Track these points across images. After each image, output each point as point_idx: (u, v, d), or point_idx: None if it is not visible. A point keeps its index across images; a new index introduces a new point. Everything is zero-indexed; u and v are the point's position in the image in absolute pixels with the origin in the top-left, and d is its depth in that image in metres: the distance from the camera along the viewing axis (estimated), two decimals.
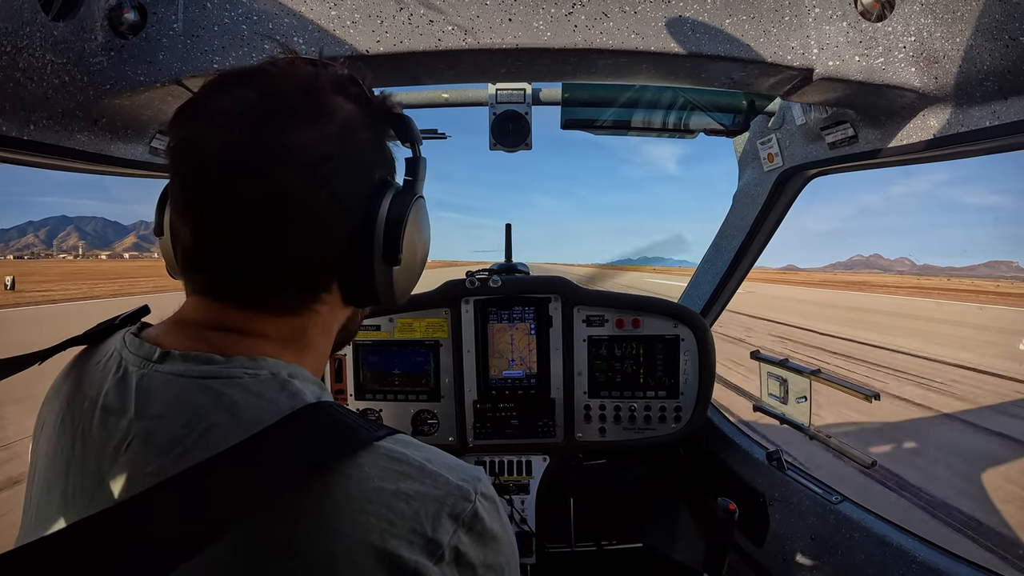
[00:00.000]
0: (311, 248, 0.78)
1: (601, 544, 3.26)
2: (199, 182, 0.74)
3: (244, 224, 0.73)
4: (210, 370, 0.73)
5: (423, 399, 2.80)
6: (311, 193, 0.75)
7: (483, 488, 0.74)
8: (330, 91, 0.80)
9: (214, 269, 0.78)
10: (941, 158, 1.77)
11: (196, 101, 0.76)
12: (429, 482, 0.70)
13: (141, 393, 0.73)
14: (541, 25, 1.49)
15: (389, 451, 0.71)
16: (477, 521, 0.71)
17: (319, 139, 0.75)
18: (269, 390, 0.72)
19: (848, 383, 2.13)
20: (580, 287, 2.77)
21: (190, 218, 0.76)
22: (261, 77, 0.77)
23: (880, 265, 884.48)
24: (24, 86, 1.28)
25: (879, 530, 1.88)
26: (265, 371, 0.74)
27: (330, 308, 0.87)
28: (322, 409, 0.71)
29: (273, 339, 0.80)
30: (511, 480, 2.80)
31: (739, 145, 2.80)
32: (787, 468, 2.39)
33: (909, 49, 1.54)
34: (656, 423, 2.76)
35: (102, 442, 0.72)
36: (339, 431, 0.70)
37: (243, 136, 0.72)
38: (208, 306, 0.79)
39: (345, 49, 1.49)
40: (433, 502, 0.68)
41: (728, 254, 2.89)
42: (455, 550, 0.67)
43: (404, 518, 0.66)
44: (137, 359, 0.76)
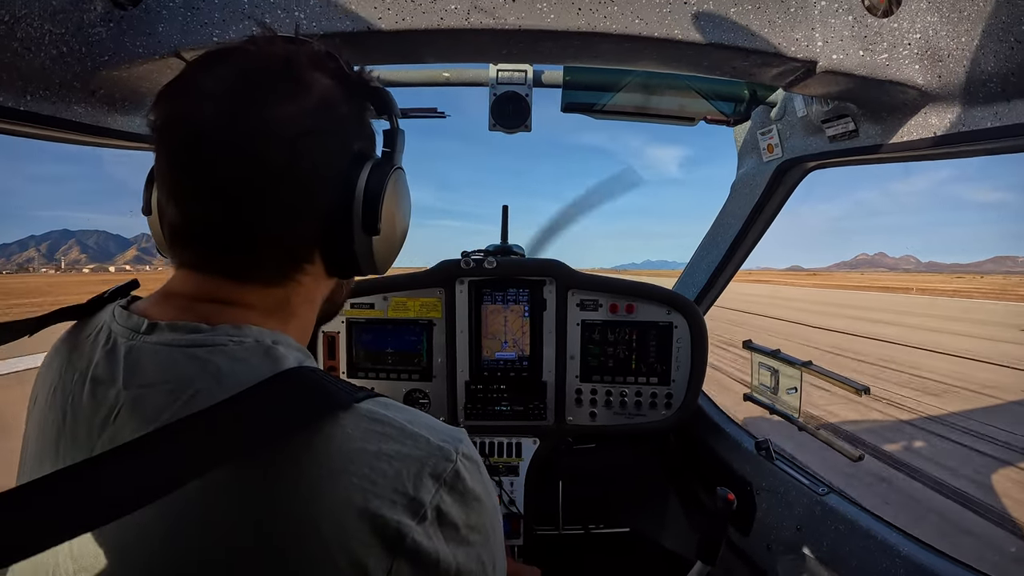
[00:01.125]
0: (292, 220, 0.80)
1: (588, 528, 3.29)
2: (183, 159, 0.76)
3: (228, 199, 0.75)
4: (196, 338, 0.74)
5: (415, 378, 2.81)
6: (291, 166, 0.77)
7: (464, 449, 0.76)
8: (308, 67, 0.81)
9: (200, 243, 0.79)
10: (941, 156, 1.76)
11: (179, 80, 0.78)
12: (410, 443, 0.71)
13: (129, 363, 0.74)
14: (545, 7, 1.48)
15: (370, 412, 0.72)
16: (459, 481, 0.72)
17: (298, 113, 0.77)
18: (253, 356, 0.74)
19: (838, 376, 2.14)
20: (575, 271, 2.76)
21: (176, 195, 0.78)
22: (240, 55, 0.79)
23: (885, 263, 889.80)
24: (21, 56, 1.26)
25: (864, 523, 1.90)
26: (250, 339, 0.76)
27: (313, 279, 0.89)
28: (304, 373, 0.72)
29: (258, 309, 0.82)
30: (501, 462, 2.82)
31: (739, 135, 2.79)
32: (775, 458, 2.41)
33: (914, 46, 1.53)
34: (647, 409, 2.77)
35: (92, 412, 0.74)
36: (320, 393, 0.70)
37: (224, 113, 0.74)
38: (195, 279, 0.81)
39: (347, 25, 1.47)
40: (415, 462, 0.70)
41: (724, 243, 2.89)
42: (437, 509, 0.69)
43: (386, 478, 0.67)
44: (125, 331, 0.78)
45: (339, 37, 1.48)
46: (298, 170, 0.78)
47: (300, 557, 0.63)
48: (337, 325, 2.80)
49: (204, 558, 0.63)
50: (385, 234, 0.92)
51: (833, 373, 2.18)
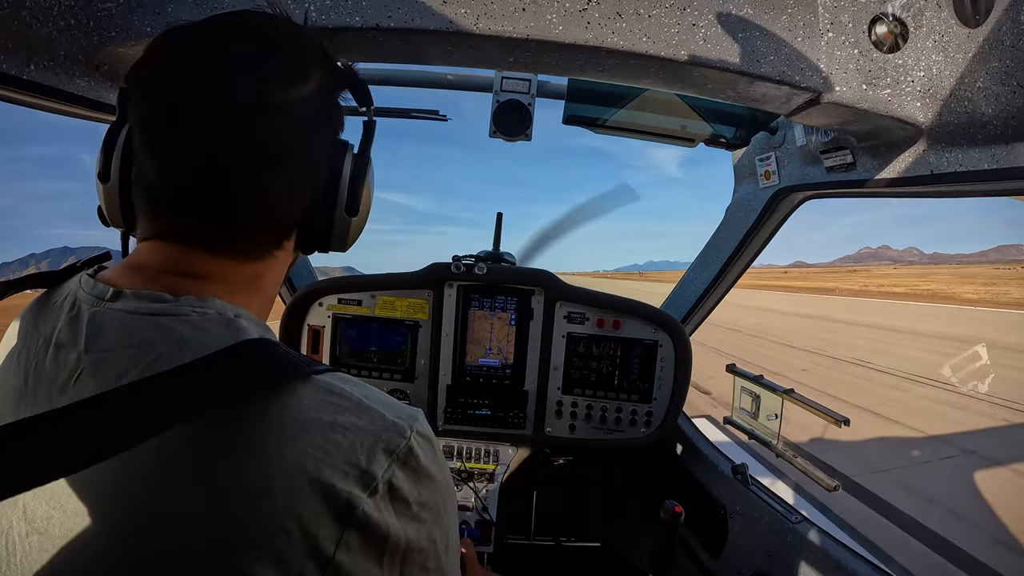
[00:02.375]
0: (290, 197, 0.85)
1: (560, 540, 3.28)
2: (183, 125, 0.76)
3: (226, 173, 0.77)
4: (160, 308, 0.75)
5: (397, 378, 2.80)
6: (295, 147, 0.81)
7: (419, 427, 0.77)
8: (311, 52, 0.85)
9: (183, 213, 0.80)
10: (937, 195, 1.78)
11: (180, 43, 0.79)
12: (366, 417, 0.73)
13: (92, 329, 0.75)
14: (554, 18, 1.48)
15: (327, 385, 0.74)
16: (412, 458, 0.73)
17: (305, 96, 0.81)
18: (216, 327, 0.75)
19: (819, 406, 2.15)
20: (564, 283, 2.76)
21: (166, 161, 0.78)
22: (246, 30, 0.82)
23: (889, 256, 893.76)
24: (29, 25, 1.25)
25: (835, 554, 1.90)
26: (212, 311, 0.77)
27: (286, 253, 0.93)
28: (265, 344, 0.73)
29: (227, 283, 0.83)
30: (477, 468, 2.82)
31: (737, 158, 2.81)
32: (751, 483, 2.41)
33: (917, 84, 1.55)
34: (626, 425, 2.77)
35: (53, 375, 0.74)
36: (279, 363, 0.71)
37: (236, 87, 0.76)
38: (166, 249, 0.81)
39: (356, 20, 1.46)
40: (368, 436, 0.71)
41: (715, 265, 2.90)
42: (389, 484, 0.70)
43: (339, 449, 0.68)
44: (90, 298, 0.78)
45: (348, 31, 1.48)
46: (301, 151, 0.82)
47: (251, 522, 0.63)
48: (323, 319, 2.79)
49: (157, 522, 0.63)
50: (360, 215, 0.98)
51: (814, 403, 2.18)
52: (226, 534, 0.63)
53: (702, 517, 2.55)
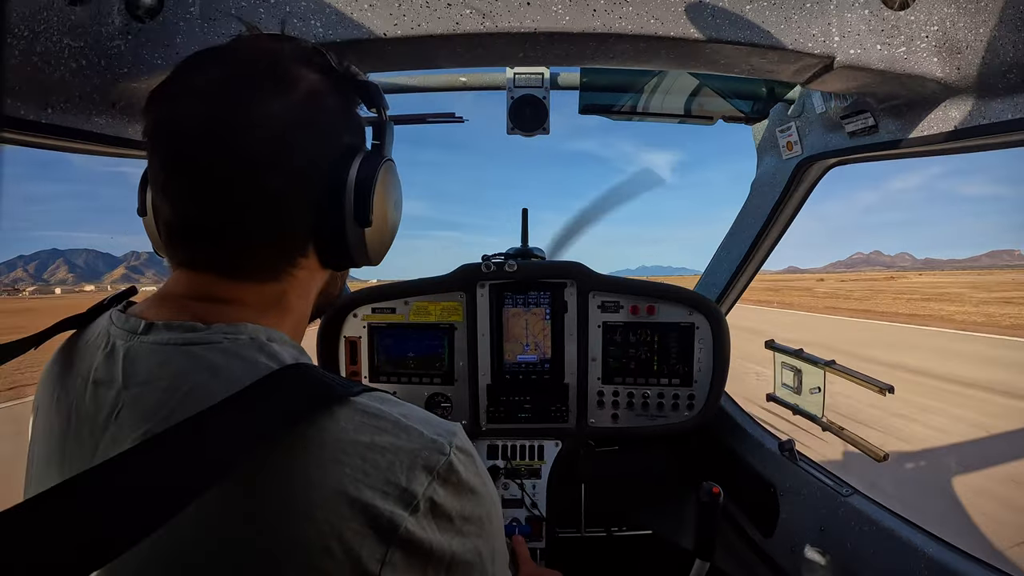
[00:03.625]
0: (283, 214, 0.82)
1: (611, 530, 3.28)
2: (172, 158, 0.78)
3: (217, 196, 0.77)
4: (191, 337, 0.75)
5: (437, 382, 2.82)
6: (279, 159, 0.78)
7: (458, 442, 0.76)
8: (294, 62, 0.83)
9: (192, 241, 0.81)
10: (962, 150, 1.74)
11: (168, 81, 0.80)
12: (404, 436, 0.72)
13: (128, 363, 0.76)
14: (559, 9, 1.48)
15: (364, 407, 0.73)
16: (452, 473, 0.73)
17: (285, 108, 0.79)
18: (248, 352, 0.75)
19: (861, 375, 2.12)
20: (596, 273, 2.76)
21: (167, 194, 0.79)
22: (227, 54, 0.81)
23: (881, 262, 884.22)
24: (42, 70, 1.29)
25: (888, 524, 1.87)
26: (244, 335, 0.77)
27: (308, 272, 0.91)
28: (300, 369, 0.73)
29: (252, 306, 0.83)
30: (523, 464, 2.82)
31: (758, 133, 2.77)
32: (799, 459, 2.39)
33: (931, 38, 1.52)
34: (669, 411, 2.76)
35: (94, 413, 0.75)
36: (315, 388, 0.71)
37: (212, 111, 0.76)
38: (189, 278, 0.82)
39: (363, 32, 1.48)
40: (407, 455, 0.71)
41: (745, 243, 2.87)
42: (430, 500, 0.70)
43: (378, 469, 0.68)
44: (124, 333, 0.79)
45: (357, 44, 1.50)
46: (286, 163, 0.79)
47: (295, 545, 0.63)
48: (359, 330, 2.82)
49: (201, 550, 0.64)
50: (377, 225, 0.94)
51: (856, 372, 2.15)
52: (273, 557, 0.64)
53: (752, 496, 2.53)
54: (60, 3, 1.26)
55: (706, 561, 1.97)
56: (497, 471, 2.79)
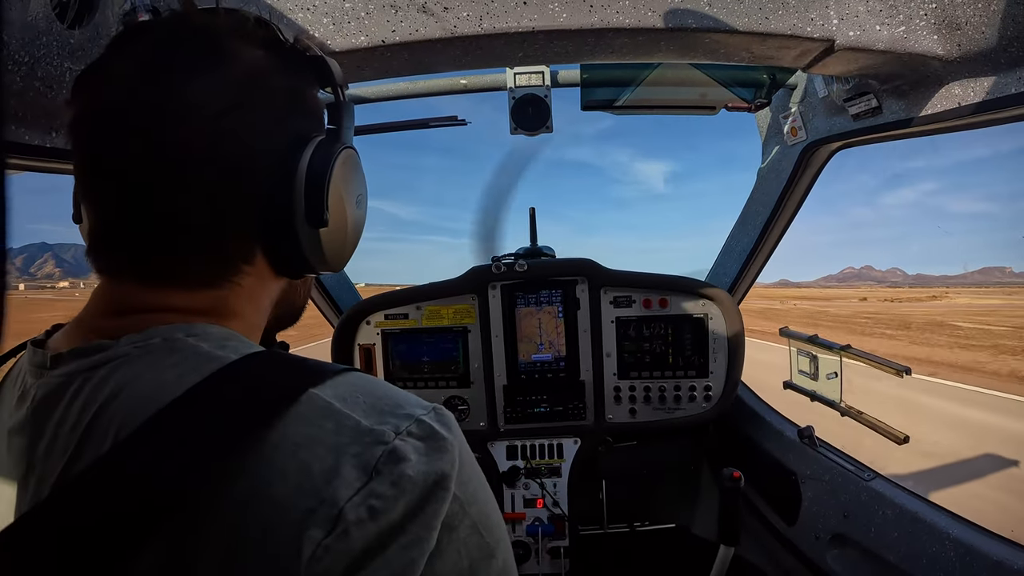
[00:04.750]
0: (219, 216, 0.69)
1: (634, 525, 3.28)
2: (90, 155, 0.68)
3: (138, 193, 0.66)
4: (99, 359, 0.64)
5: (453, 385, 2.83)
6: (210, 148, 0.67)
7: (412, 427, 0.61)
8: (231, 36, 0.72)
9: (111, 249, 0.70)
10: (967, 127, 1.73)
11: (89, 68, 0.70)
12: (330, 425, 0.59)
13: (35, 407, 0.66)
14: (556, 7, 1.48)
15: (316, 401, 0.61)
16: (398, 464, 0.57)
17: (219, 90, 0.67)
18: (157, 358, 0.63)
19: (878, 358, 2.11)
20: (606, 268, 2.76)
21: (87, 196, 0.71)
22: (153, 31, 0.71)
23: (872, 277, 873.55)
24: (44, 95, 1.30)
25: (912, 507, 1.86)
26: (156, 339, 0.65)
27: (257, 280, 0.77)
28: (228, 375, 0.60)
29: (179, 311, 0.70)
30: (543, 463, 2.83)
31: (762, 121, 2.77)
32: (818, 445, 2.38)
33: (931, 16, 1.51)
34: (686, 402, 2.76)
35: (12, 468, 0.67)
36: (249, 398, 0.59)
37: (132, 98, 0.65)
38: (109, 290, 0.71)
39: (361, 40, 1.49)
40: (330, 450, 0.57)
41: (755, 231, 2.86)
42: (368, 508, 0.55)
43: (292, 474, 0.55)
44: (34, 370, 0.69)
45: (356, 52, 1.51)
46: (219, 153, 0.67)
47: None
48: (373, 337, 2.83)
49: None
50: (335, 225, 0.79)
51: (872, 355, 2.14)
52: None
53: (773, 485, 2.52)
54: (59, 27, 1.27)
55: (731, 547, 1.97)
56: (517, 471, 2.80)
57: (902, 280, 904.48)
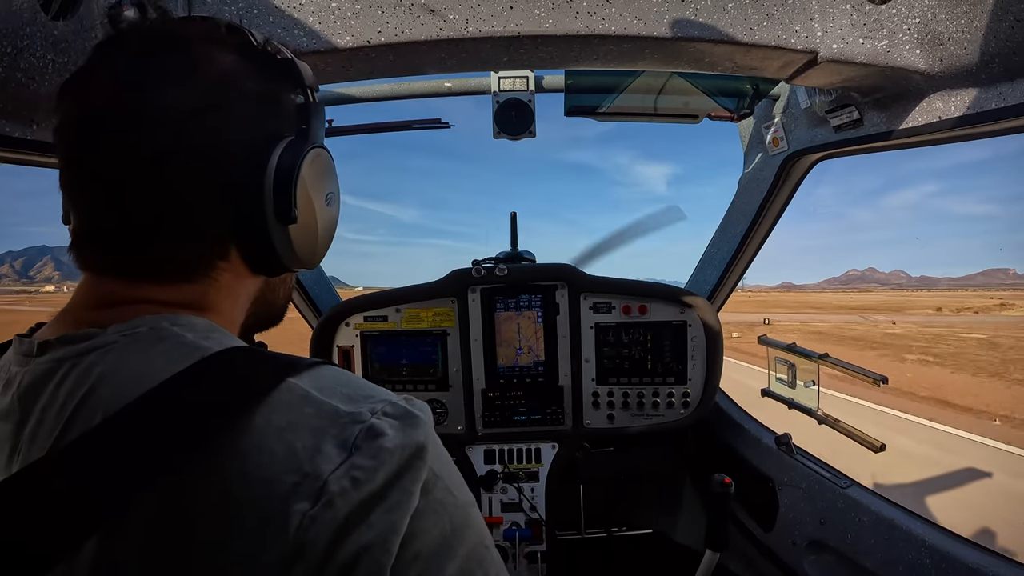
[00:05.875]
0: (193, 215, 0.73)
1: (611, 530, 3.29)
2: (73, 158, 0.71)
3: (116, 193, 0.70)
4: (87, 346, 0.67)
5: (432, 388, 2.82)
6: (181, 150, 0.70)
7: (389, 408, 0.65)
8: (204, 43, 0.75)
9: (94, 247, 0.74)
10: (947, 140, 1.75)
11: (71, 78, 0.73)
12: (310, 409, 0.62)
13: (21, 391, 0.68)
14: (542, 12, 1.48)
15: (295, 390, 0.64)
16: (375, 439, 0.61)
17: (190, 94, 0.70)
18: (144, 346, 0.66)
19: (855, 367, 2.13)
20: (587, 274, 2.77)
21: (71, 197, 0.74)
22: (131, 40, 0.74)
23: (876, 279, 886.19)
24: (26, 86, 1.27)
25: (888, 514, 1.88)
26: (142, 327, 0.68)
27: (233, 276, 0.81)
28: (212, 363, 0.64)
29: (160, 303, 0.74)
30: (520, 468, 2.82)
31: (744, 130, 2.79)
32: (796, 452, 2.40)
33: (914, 31, 1.53)
34: (664, 409, 2.77)
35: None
36: (233, 385, 0.62)
37: (111, 104, 0.69)
38: (93, 285, 0.75)
39: (347, 40, 1.48)
40: (311, 432, 0.60)
41: (735, 239, 2.88)
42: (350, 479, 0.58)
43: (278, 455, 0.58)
44: (20, 359, 0.72)
45: (340, 52, 1.50)
46: (193, 154, 0.71)
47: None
48: (352, 339, 2.81)
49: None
50: (304, 222, 0.83)
51: (850, 364, 2.16)
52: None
53: (751, 492, 2.54)
54: (43, 18, 1.24)
55: (717, 552, 1.98)
56: (495, 475, 2.79)
57: (905, 282, 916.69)
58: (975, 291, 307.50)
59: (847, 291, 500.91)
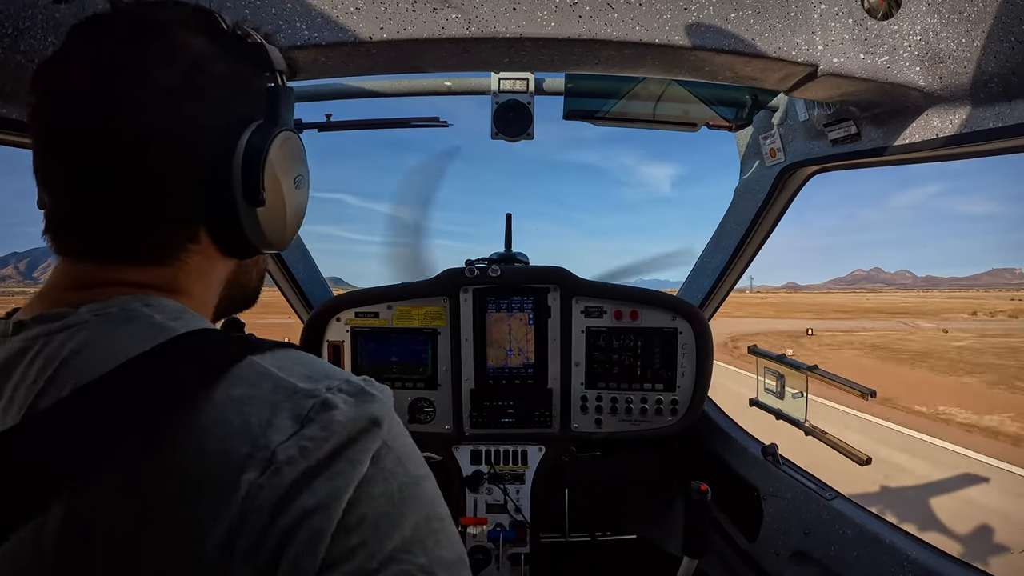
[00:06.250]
0: (164, 197, 0.75)
1: (595, 535, 3.28)
2: (50, 140, 0.72)
3: (91, 182, 0.71)
4: (59, 325, 0.68)
5: (420, 387, 2.82)
6: (158, 138, 0.71)
7: (343, 386, 0.67)
8: (176, 27, 0.75)
9: (69, 230, 0.75)
10: (944, 158, 1.76)
11: (47, 61, 0.74)
12: (267, 385, 0.65)
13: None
14: (545, 15, 1.48)
15: (255, 367, 0.67)
16: (327, 412, 0.63)
17: (164, 79, 0.71)
18: (114, 326, 0.68)
19: (844, 380, 2.14)
20: (579, 278, 2.77)
21: (46, 180, 0.75)
22: (104, 25, 0.74)
23: (882, 279, 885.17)
24: (26, 69, 1.27)
25: (872, 527, 1.89)
26: (114, 308, 0.70)
27: (205, 259, 0.82)
28: (177, 344, 0.66)
29: (134, 284, 0.75)
30: (507, 469, 2.82)
31: (742, 140, 2.80)
32: (781, 463, 2.40)
33: (914, 48, 1.54)
34: (652, 415, 2.77)
35: None
36: (197, 356, 0.65)
37: (84, 88, 0.70)
38: (69, 268, 0.76)
39: (349, 35, 1.47)
40: (267, 405, 0.63)
41: (728, 248, 2.88)
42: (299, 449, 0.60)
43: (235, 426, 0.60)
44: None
45: (342, 47, 1.49)
46: (166, 141, 0.72)
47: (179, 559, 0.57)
48: (342, 334, 2.81)
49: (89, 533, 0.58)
50: (272, 204, 0.83)
51: (839, 377, 2.17)
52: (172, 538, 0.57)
53: (736, 501, 2.54)
54: (44, 1, 1.24)
55: (694, 559, 1.98)
56: (481, 476, 2.79)
57: (911, 282, 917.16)
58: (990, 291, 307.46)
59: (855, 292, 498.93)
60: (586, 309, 2.78)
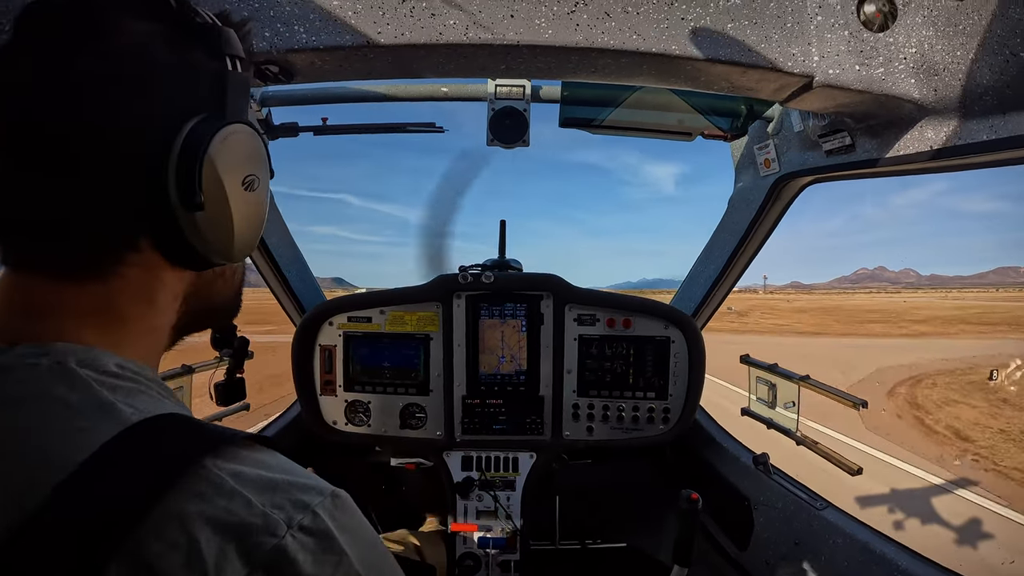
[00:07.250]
0: (92, 197, 0.66)
1: (585, 543, 3.28)
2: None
3: (19, 179, 0.65)
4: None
5: (412, 392, 2.80)
6: (86, 130, 0.64)
7: (306, 520, 0.60)
8: (113, 8, 0.67)
9: (8, 236, 0.68)
10: (938, 170, 1.77)
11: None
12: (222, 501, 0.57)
13: None
14: (543, 23, 1.48)
15: (210, 476, 0.59)
16: (283, 566, 0.57)
17: (96, 65, 0.64)
18: (48, 387, 0.61)
19: (835, 390, 2.14)
20: (573, 286, 2.77)
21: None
22: (39, 9, 0.67)
23: (886, 278, 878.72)
24: None
25: (862, 537, 1.89)
26: (46, 360, 0.62)
27: (146, 272, 0.73)
28: (124, 442, 0.58)
29: (72, 312, 0.68)
30: (498, 476, 2.81)
31: (736, 150, 2.80)
32: (773, 473, 2.40)
33: (910, 60, 1.54)
34: (644, 424, 2.76)
35: None
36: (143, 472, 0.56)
37: (13, 77, 0.64)
38: (12, 281, 0.69)
39: (347, 39, 1.47)
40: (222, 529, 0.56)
41: (722, 258, 2.89)
42: None
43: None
44: None
45: (339, 51, 1.49)
46: (95, 134, 0.64)
47: None
48: (334, 339, 2.80)
49: None
50: (214, 208, 0.73)
51: (830, 387, 2.18)
52: None
53: (727, 510, 2.54)
54: None
55: (684, 567, 1.98)
56: (471, 482, 2.78)
57: (915, 281, 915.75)
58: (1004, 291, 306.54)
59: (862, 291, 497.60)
60: (579, 317, 2.78)
